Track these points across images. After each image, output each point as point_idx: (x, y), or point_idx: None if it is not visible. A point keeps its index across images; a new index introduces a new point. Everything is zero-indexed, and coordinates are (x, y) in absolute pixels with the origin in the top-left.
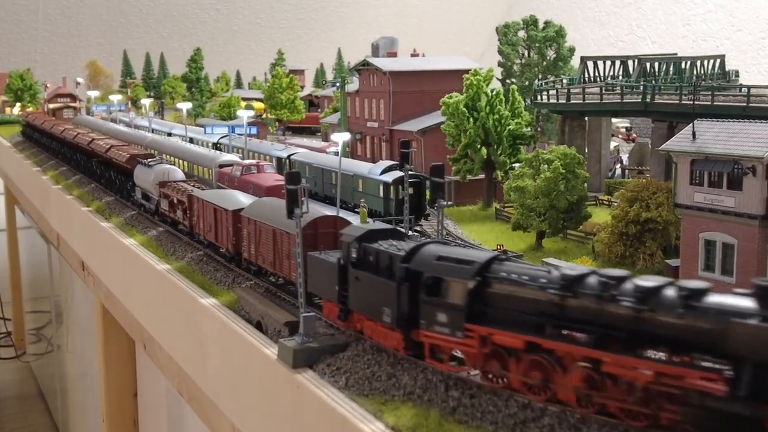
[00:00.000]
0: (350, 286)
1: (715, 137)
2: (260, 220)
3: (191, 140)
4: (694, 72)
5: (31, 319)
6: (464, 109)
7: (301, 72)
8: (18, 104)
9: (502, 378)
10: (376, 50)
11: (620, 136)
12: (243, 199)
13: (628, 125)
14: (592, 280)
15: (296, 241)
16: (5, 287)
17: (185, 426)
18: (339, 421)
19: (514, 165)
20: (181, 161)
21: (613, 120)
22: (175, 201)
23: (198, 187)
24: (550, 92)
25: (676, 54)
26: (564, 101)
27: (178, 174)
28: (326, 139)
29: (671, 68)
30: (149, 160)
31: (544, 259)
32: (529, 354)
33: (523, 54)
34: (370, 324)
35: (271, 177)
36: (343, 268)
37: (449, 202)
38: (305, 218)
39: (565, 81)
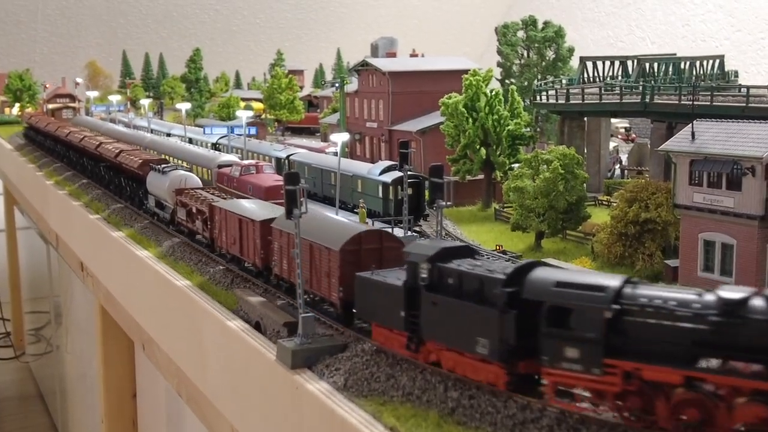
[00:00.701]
0: (423, 312)
1: (714, 137)
2: (281, 229)
3: (190, 140)
4: (694, 72)
5: (31, 320)
6: (463, 109)
7: (300, 72)
8: (17, 104)
9: (645, 416)
10: (375, 50)
11: (619, 136)
12: (272, 210)
13: (628, 126)
14: (759, 302)
15: (295, 242)
16: (4, 288)
17: (184, 427)
18: (338, 422)
19: (513, 165)
20: (180, 161)
21: (613, 120)
22: (194, 210)
23: (219, 196)
24: (549, 92)
25: (675, 54)
26: (563, 101)
27: (196, 181)
28: (325, 139)
29: (670, 68)
30: (164, 165)
31: (544, 260)
32: (685, 389)
33: (522, 54)
34: (453, 355)
35: (270, 177)
36: (411, 292)
37: (448, 203)
38: (346, 233)
39: (564, 81)
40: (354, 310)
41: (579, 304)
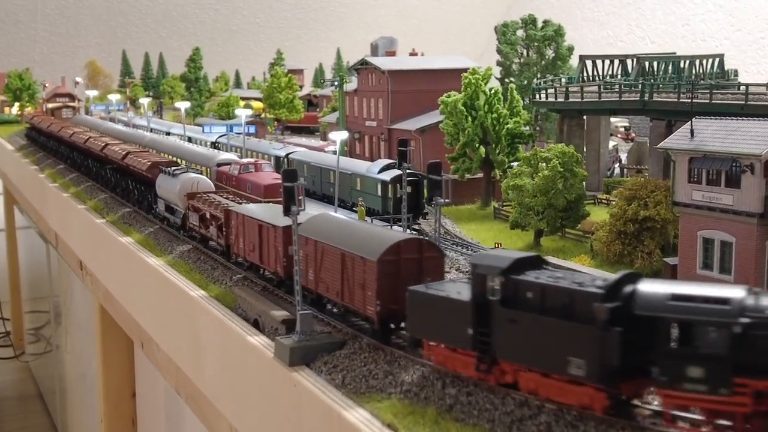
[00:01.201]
0: (496, 329)
1: (713, 135)
2: (324, 241)
3: (189, 139)
4: (693, 71)
5: (30, 319)
6: (462, 107)
7: (300, 72)
8: (16, 104)
9: None
10: (375, 50)
11: (619, 135)
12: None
13: (627, 125)
14: None
15: (293, 239)
16: (4, 287)
17: (183, 426)
18: (336, 419)
19: (512, 164)
20: (179, 160)
21: (612, 119)
22: (208, 215)
23: (234, 200)
24: (549, 91)
25: (674, 53)
26: (562, 99)
27: (208, 184)
28: (325, 138)
29: (670, 67)
30: (174, 168)
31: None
32: None
33: (521, 53)
34: (534, 377)
35: (269, 176)
36: (482, 308)
37: (446, 200)
38: (384, 241)
39: (563, 80)
40: (393, 326)
41: (703, 318)
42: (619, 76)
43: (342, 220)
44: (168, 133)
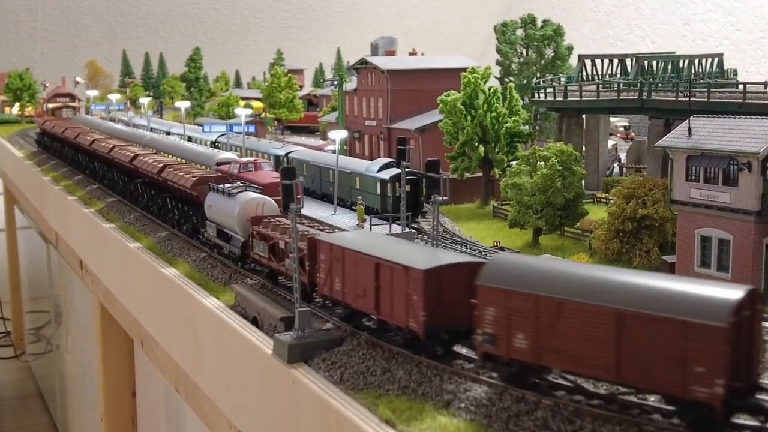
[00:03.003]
0: None
1: (711, 133)
2: (515, 288)
3: (189, 139)
4: (693, 70)
5: (31, 319)
6: (461, 106)
7: (300, 72)
8: (17, 104)
9: None
10: (375, 50)
11: (619, 135)
12: (436, 252)
13: (627, 124)
14: None
15: (292, 236)
16: (4, 287)
17: (183, 424)
18: (333, 415)
19: (511, 163)
20: (179, 159)
21: (612, 119)
22: (281, 245)
23: (318, 228)
24: (548, 90)
25: (674, 53)
26: (561, 99)
27: (274, 207)
28: (325, 137)
29: (669, 66)
30: (229, 186)
31: (541, 256)
32: None
33: (521, 53)
34: None
35: (269, 174)
36: None
37: (444, 197)
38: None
39: (563, 79)
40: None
41: None
42: (618, 76)
43: (537, 261)
44: (168, 133)
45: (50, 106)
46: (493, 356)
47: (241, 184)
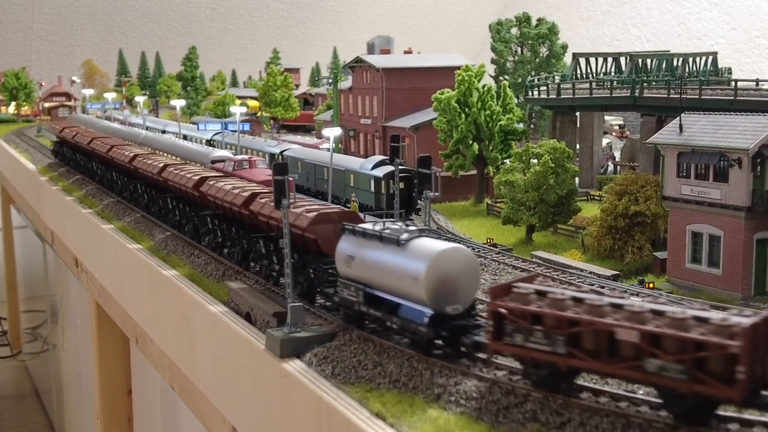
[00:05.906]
0: None
1: (702, 130)
2: None
3: (185, 137)
4: (687, 69)
5: (27, 319)
6: (456, 104)
7: (296, 71)
8: (13, 103)
9: None
10: (371, 49)
11: (614, 133)
12: None
13: (622, 123)
14: None
15: (284, 231)
16: (1, 287)
17: (179, 422)
18: (325, 409)
19: (505, 160)
20: (177, 158)
21: (607, 117)
22: (629, 338)
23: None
24: (542, 88)
25: (668, 51)
26: (554, 96)
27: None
28: (320, 136)
29: (663, 65)
30: (388, 228)
31: (534, 253)
32: None
33: (516, 51)
34: None
35: (263, 172)
36: None
37: (436, 193)
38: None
39: (557, 77)
40: None
41: None
42: (612, 74)
43: None
44: (164, 131)
45: (46, 105)
46: None
47: (414, 227)
